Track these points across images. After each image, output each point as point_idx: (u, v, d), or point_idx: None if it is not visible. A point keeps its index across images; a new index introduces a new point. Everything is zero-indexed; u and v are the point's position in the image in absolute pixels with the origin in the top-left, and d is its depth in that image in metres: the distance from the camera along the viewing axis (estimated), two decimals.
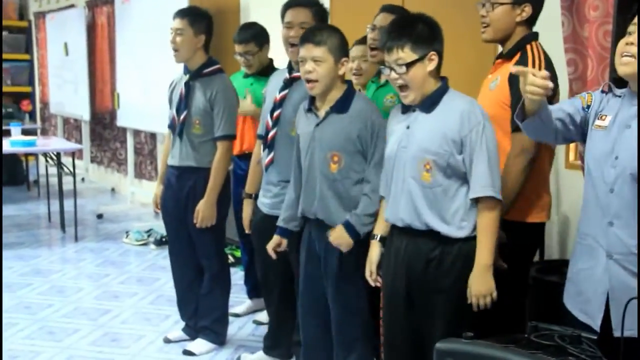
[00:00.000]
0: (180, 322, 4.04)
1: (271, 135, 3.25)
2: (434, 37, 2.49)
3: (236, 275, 4.87)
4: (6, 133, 6.73)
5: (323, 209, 2.88)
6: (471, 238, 2.46)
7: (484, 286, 2.43)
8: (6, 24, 9.97)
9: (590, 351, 1.94)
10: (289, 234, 3.09)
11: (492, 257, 2.43)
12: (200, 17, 3.67)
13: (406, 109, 2.57)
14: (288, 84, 3.24)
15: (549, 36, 2.98)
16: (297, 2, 3.26)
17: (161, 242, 5.85)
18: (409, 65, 2.45)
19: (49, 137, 8.73)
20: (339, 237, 2.80)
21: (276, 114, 3.24)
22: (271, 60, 4.37)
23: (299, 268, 3.09)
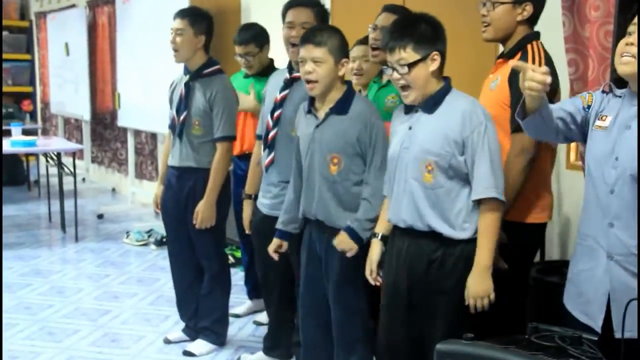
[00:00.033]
0: (180, 323, 4.04)
1: (271, 135, 3.24)
2: (436, 37, 2.48)
3: (236, 276, 4.87)
4: (7, 133, 6.73)
5: (323, 211, 2.87)
6: (473, 239, 2.45)
7: (482, 287, 2.42)
8: (7, 23, 9.98)
9: (591, 352, 1.93)
10: (288, 236, 3.08)
11: (491, 259, 2.42)
12: (201, 18, 3.66)
13: (409, 109, 2.56)
14: (288, 84, 3.23)
15: (550, 36, 2.98)
16: (299, 2, 3.25)
17: (161, 243, 5.83)
18: (411, 65, 2.44)
19: (49, 137, 8.73)
20: (343, 243, 2.79)
21: (276, 114, 3.24)
22: (271, 61, 4.36)
23: (299, 269, 3.09)
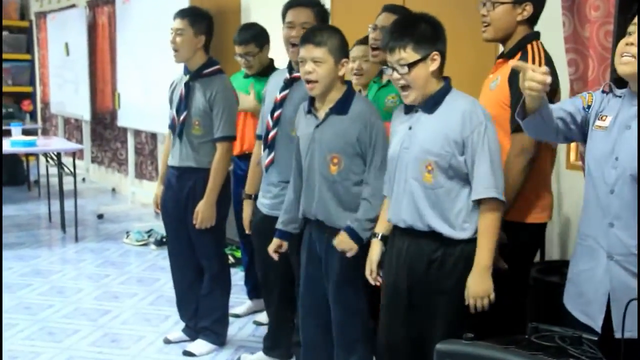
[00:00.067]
0: (181, 323, 4.04)
1: (271, 135, 3.24)
2: (436, 37, 2.48)
3: (236, 276, 4.86)
4: (7, 133, 6.72)
5: (323, 210, 2.87)
6: (473, 239, 2.45)
7: (481, 288, 2.42)
8: (7, 23, 9.99)
9: (591, 352, 1.93)
10: (288, 236, 3.08)
11: (491, 259, 2.42)
12: (201, 18, 3.66)
13: (409, 109, 2.56)
14: (288, 84, 3.23)
15: (550, 36, 2.97)
16: (299, 2, 3.25)
17: (161, 243, 5.83)
18: (411, 65, 2.44)
19: (49, 137, 8.73)
20: (343, 243, 2.79)
21: (276, 114, 3.23)
22: (272, 61, 4.36)
23: (299, 269, 3.08)
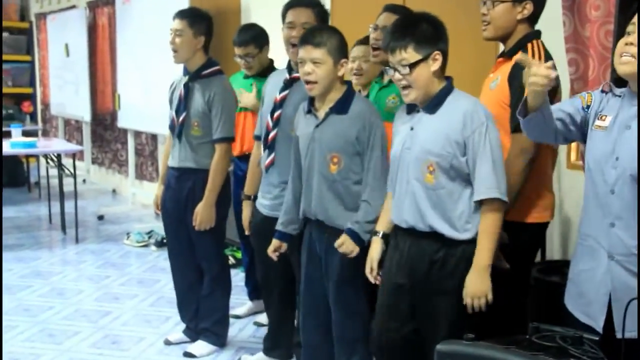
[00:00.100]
0: (181, 324, 4.03)
1: (272, 136, 3.23)
2: (437, 36, 2.46)
3: (237, 277, 4.86)
4: (7, 134, 6.72)
5: (322, 210, 2.86)
6: (475, 240, 2.44)
7: (479, 287, 2.41)
8: (7, 25, 9.99)
9: (592, 352, 1.92)
10: (288, 237, 3.07)
11: (491, 259, 2.41)
12: (200, 18, 3.65)
13: (411, 109, 2.55)
14: (288, 84, 3.22)
15: (550, 36, 2.97)
16: (299, 3, 3.24)
17: (162, 244, 5.82)
18: (413, 65, 2.43)
19: (50, 138, 8.74)
20: (345, 246, 2.78)
21: (276, 114, 3.23)
22: (271, 61, 4.35)
23: (300, 269, 3.08)
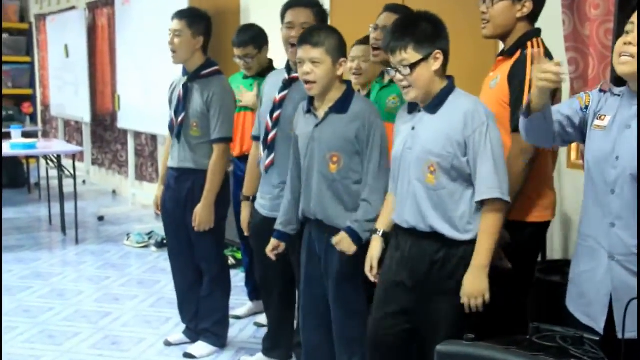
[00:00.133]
0: (181, 325, 4.02)
1: (271, 136, 3.22)
2: (437, 35, 2.45)
3: (237, 277, 4.86)
4: (7, 135, 6.71)
5: (321, 210, 2.86)
6: (476, 241, 2.43)
7: (476, 287, 2.39)
8: (7, 26, 9.99)
9: (593, 352, 1.92)
10: (286, 237, 3.07)
11: (489, 258, 2.40)
12: (199, 19, 3.64)
13: (412, 108, 2.54)
14: (287, 84, 3.21)
15: (550, 35, 2.96)
16: (298, 3, 3.23)
17: (162, 245, 5.81)
18: (414, 66, 2.41)
19: (50, 139, 8.74)
20: (342, 243, 2.77)
21: (276, 114, 3.22)
22: (271, 62, 4.34)
23: (299, 269, 3.07)
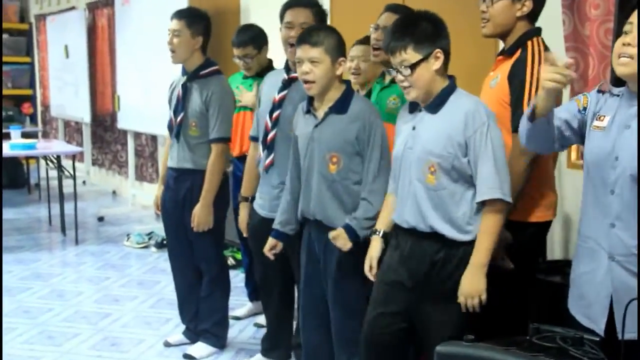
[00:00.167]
0: (181, 326, 4.02)
1: (271, 136, 3.22)
2: (437, 34, 2.44)
3: (237, 278, 4.86)
4: (6, 136, 6.70)
5: (321, 210, 2.85)
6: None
7: (473, 287, 2.39)
8: (7, 26, 9.99)
9: (593, 353, 1.92)
10: (284, 237, 3.06)
11: (487, 258, 2.39)
12: (199, 19, 3.63)
13: (413, 108, 2.54)
14: (287, 84, 3.21)
15: (550, 35, 2.95)
16: (297, 3, 3.23)
17: (162, 245, 5.81)
18: (414, 66, 2.41)
19: (49, 140, 8.74)
20: (339, 239, 2.77)
21: (275, 114, 3.21)
22: (270, 62, 4.33)
23: (299, 270, 3.07)
